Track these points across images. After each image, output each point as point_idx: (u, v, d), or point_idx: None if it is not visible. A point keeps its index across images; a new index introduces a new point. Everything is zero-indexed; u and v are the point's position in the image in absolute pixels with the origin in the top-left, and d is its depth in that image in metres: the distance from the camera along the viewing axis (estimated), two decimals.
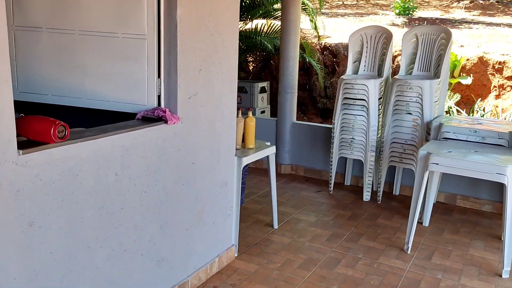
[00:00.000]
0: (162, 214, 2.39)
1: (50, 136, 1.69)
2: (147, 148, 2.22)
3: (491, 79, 6.33)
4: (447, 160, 3.04)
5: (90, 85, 2.51)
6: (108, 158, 2.01)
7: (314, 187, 4.65)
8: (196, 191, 2.62)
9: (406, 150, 4.04)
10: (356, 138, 4.25)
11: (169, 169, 2.38)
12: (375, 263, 3.11)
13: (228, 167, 2.91)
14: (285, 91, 4.94)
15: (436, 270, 3.03)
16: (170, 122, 2.31)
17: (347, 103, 4.22)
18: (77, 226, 1.91)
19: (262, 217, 3.82)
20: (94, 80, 2.49)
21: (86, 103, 2.54)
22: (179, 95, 2.37)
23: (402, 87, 3.94)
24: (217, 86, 2.66)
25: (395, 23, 8.41)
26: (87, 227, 1.96)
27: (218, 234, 2.90)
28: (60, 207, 1.82)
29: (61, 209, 1.83)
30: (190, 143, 2.51)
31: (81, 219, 1.93)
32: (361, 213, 3.98)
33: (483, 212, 4.09)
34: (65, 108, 2.58)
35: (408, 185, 4.45)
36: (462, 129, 3.56)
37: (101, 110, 2.51)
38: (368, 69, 4.41)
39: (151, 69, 2.36)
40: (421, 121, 3.91)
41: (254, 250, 3.25)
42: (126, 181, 2.13)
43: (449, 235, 3.59)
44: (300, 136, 4.99)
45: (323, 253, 3.22)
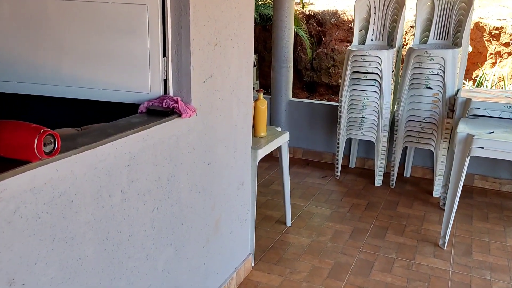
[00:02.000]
0: (177, 234, 1.85)
1: (33, 152, 1.12)
2: (158, 152, 1.66)
3: (488, 46, 6.00)
4: (494, 143, 2.63)
5: (69, 68, 1.89)
6: (111, 171, 1.45)
7: (317, 171, 4.19)
8: (213, 197, 2.09)
9: (424, 129, 3.62)
10: (367, 117, 3.79)
11: (184, 175, 1.84)
12: (412, 264, 2.71)
13: (245, 163, 2.38)
14: (280, 65, 4.40)
15: (482, 269, 2.66)
16: (185, 115, 1.75)
17: (356, 78, 3.74)
18: (74, 271, 1.35)
19: (270, 212, 3.34)
20: (75, 62, 1.88)
21: (65, 91, 1.93)
22: (193, 78, 1.80)
23: (421, 58, 3.48)
24: (233, 65, 2.10)
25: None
26: (88, 270, 1.41)
27: (235, 244, 2.40)
28: (51, 251, 1.26)
29: (52, 253, 1.27)
30: (206, 139, 1.96)
31: (80, 261, 1.37)
32: (377, 201, 3.57)
33: (504, 193, 3.78)
34: (35, 99, 1.97)
35: (420, 166, 4.08)
36: (494, 104, 3.16)
37: (86, 101, 1.91)
38: (376, 38, 3.93)
39: (154, 45, 1.78)
40: (442, 96, 3.49)
41: (271, 256, 2.77)
42: (135, 199, 1.57)
43: (479, 223, 3.23)
44: (298, 115, 4.50)
45: (352, 255, 2.79)
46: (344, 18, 6.45)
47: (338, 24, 6.47)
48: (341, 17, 6.46)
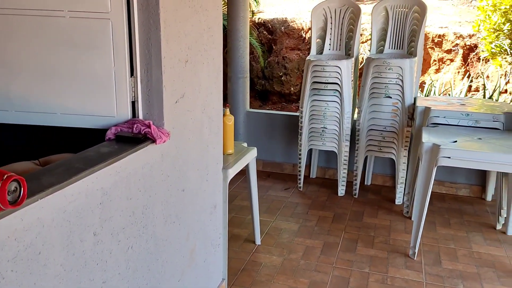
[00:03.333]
0: (152, 271, 1.68)
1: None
2: (131, 184, 1.49)
3: (431, 53, 6.21)
4: (460, 153, 2.65)
5: (20, 90, 1.67)
6: (82, 213, 1.26)
7: (279, 184, 4.10)
8: (187, 226, 1.93)
9: (385, 138, 3.64)
10: (329, 127, 3.75)
11: (158, 206, 1.67)
12: (387, 278, 2.67)
13: (217, 185, 2.24)
14: (237, 76, 4.28)
15: (453, 278, 2.67)
16: (159, 141, 1.58)
17: (317, 88, 3.69)
18: None
19: (237, 230, 3.20)
20: (27, 84, 1.66)
21: (16, 118, 1.70)
22: (165, 99, 1.64)
23: (380, 67, 3.50)
24: (204, 82, 1.96)
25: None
26: None
27: (209, 272, 2.25)
28: None
29: None
30: (179, 164, 1.80)
31: None
32: (343, 212, 3.53)
33: (461, 197, 3.87)
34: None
35: (380, 174, 4.11)
36: (453, 112, 3.22)
37: (42, 127, 1.69)
38: (334, 48, 3.91)
39: (121, 64, 1.60)
40: (401, 105, 3.52)
41: (244, 279, 2.64)
42: (108, 240, 1.39)
43: (443, 230, 3.27)
44: (256, 126, 4.40)
45: (326, 273, 2.71)
46: (294, 26, 6.46)
47: (289, 32, 6.47)
48: (291, 25, 6.47)
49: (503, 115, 3.13)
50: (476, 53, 5.73)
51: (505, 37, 4.60)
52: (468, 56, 5.86)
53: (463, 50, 5.94)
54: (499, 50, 4.61)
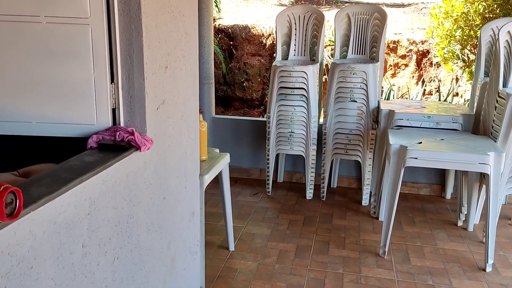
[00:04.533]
0: (137, 282, 1.64)
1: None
2: (117, 193, 1.45)
3: (387, 59, 6.44)
4: (426, 154, 2.76)
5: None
6: (71, 224, 1.22)
7: (247, 189, 4.11)
8: (168, 234, 1.90)
9: (351, 141, 3.73)
10: (296, 132, 3.81)
11: (142, 215, 1.64)
12: (360, 277, 2.73)
13: (194, 192, 2.22)
14: (201, 82, 4.25)
15: (423, 275, 2.77)
16: (143, 148, 1.55)
17: (283, 93, 3.74)
18: None
19: (209, 237, 3.17)
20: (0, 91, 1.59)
21: None
22: (148, 105, 1.62)
23: (345, 72, 3.59)
24: (182, 88, 1.94)
25: (282, 2, 8.15)
26: None
27: (188, 280, 2.22)
28: None
29: None
30: (161, 171, 1.77)
31: None
32: (313, 215, 3.59)
33: (423, 196, 4.02)
34: None
35: (346, 176, 4.20)
36: (416, 115, 3.35)
37: (17, 137, 1.62)
38: (298, 53, 3.98)
39: (100, 70, 1.57)
40: (366, 109, 3.63)
41: (221, 286, 2.62)
42: (96, 252, 1.35)
43: (409, 228, 3.39)
44: (222, 132, 4.39)
45: (301, 275, 2.74)
46: (254, 33, 6.51)
47: (249, 39, 6.51)
48: (252, 32, 6.52)
49: (461, 116, 3.29)
50: (428, 58, 5.99)
51: (457, 42, 4.84)
52: (422, 61, 6.12)
53: (417, 55, 6.19)
54: (451, 55, 4.84)
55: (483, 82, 3.30)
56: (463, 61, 4.76)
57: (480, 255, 2.98)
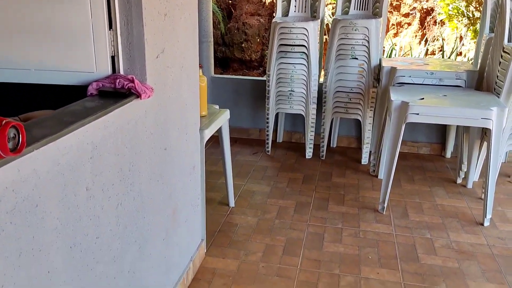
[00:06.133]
0: (140, 229, 1.65)
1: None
2: (119, 139, 1.44)
3: (389, 17, 6.32)
4: (428, 109, 2.75)
5: None
6: (75, 166, 1.21)
7: (247, 148, 4.12)
8: (170, 185, 1.91)
9: (351, 99, 3.71)
10: (296, 90, 3.78)
11: (143, 164, 1.64)
12: (359, 231, 2.77)
13: (195, 146, 2.22)
14: (200, 40, 4.18)
15: (421, 229, 2.81)
16: (144, 96, 1.54)
17: (284, 51, 3.69)
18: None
19: (210, 194, 3.20)
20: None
21: None
22: (147, 53, 1.59)
23: (347, 28, 3.53)
24: (181, 38, 1.90)
25: None
26: (58, 284, 1.18)
27: (190, 232, 2.25)
28: (18, 268, 1.02)
29: (20, 271, 1.03)
30: (161, 121, 1.76)
31: (49, 276, 1.14)
32: (312, 174, 3.60)
33: (422, 155, 4.04)
34: None
35: (345, 135, 4.20)
36: (418, 72, 3.31)
37: (15, 84, 1.60)
38: (299, 10, 3.90)
39: (98, 16, 1.53)
40: (367, 66, 3.58)
41: (222, 239, 2.66)
42: (100, 196, 1.35)
43: (408, 186, 3.42)
44: (221, 92, 4.35)
45: (301, 230, 2.78)
46: None
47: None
48: None
49: (465, 72, 3.26)
50: (432, 17, 5.88)
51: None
52: (425, 19, 6.01)
53: (420, 13, 6.08)
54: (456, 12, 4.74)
55: (488, 38, 3.25)
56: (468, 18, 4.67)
57: (478, 210, 3.02)
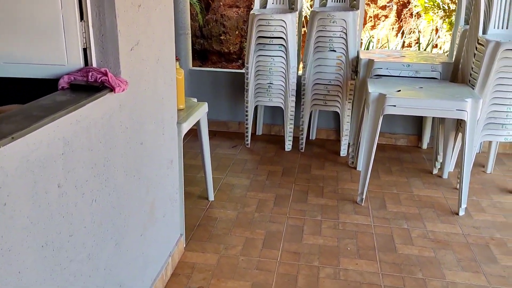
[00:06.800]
0: (116, 226, 1.62)
1: None
2: (92, 134, 1.41)
3: (367, 10, 6.35)
4: (405, 101, 2.77)
5: None
6: (45, 163, 1.18)
7: (226, 141, 4.10)
8: (147, 180, 1.88)
9: (330, 92, 3.71)
10: (275, 83, 3.76)
11: (118, 159, 1.60)
12: (338, 223, 2.79)
13: (172, 140, 2.18)
14: (178, 32, 4.13)
15: (398, 220, 2.84)
16: (118, 89, 1.50)
17: (262, 43, 3.67)
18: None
19: (189, 188, 3.17)
20: None
21: None
22: (121, 45, 1.55)
23: (325, 21, 3.52)
24: (157, 30, 1.87)
25: None
26: (29, 285, 1.15)
27: (168, 227, 2.22)
28: None
29: None
30: (137, 116, 1.73)
31: (19, 276, 1.11)
32: (292, 166, 3.61)
33: (400, 146, 4.08)
34: None
35: (324, 128, 4.22)
36: (395, 64, 3.34)
37: None
38: (277, 1, 3.88)
39: (69, 6, 1.48)
40: (345, 58, 3.59)
41: (201, 234, 2.64)
42: (72, 192, 1.32)
43: (386, 177, 3.45)
44: (199, 85, 4.31)
45: (280, 223, 2.78)
46: None
47: None
48: None
49: (440, 65, 3.29)
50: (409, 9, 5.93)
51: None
52: (402, 12, 6.05)
53: (397, 6, 6.12)
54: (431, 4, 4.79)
55: (463, 30, 3.29)
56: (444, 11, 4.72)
57: (453, 200, 3.07)
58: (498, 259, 2.44)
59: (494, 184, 3.31)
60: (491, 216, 2.88)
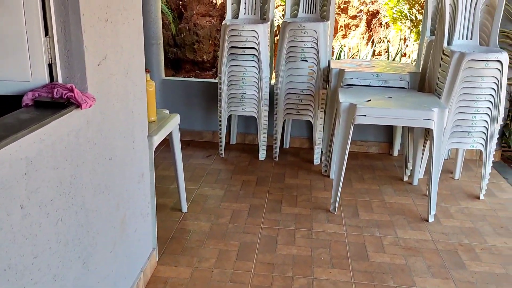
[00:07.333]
0: (84, 244, 1.59)
1: None
2: (57, 152, 1.38)
3: (338, 19, 6.45)
4: (375, 111, 2.82)
5: None
6: (7, 184, 1.15)
7: (200, 151, 4.08)
8: (117, 195, 1.85)
9: (302, 101, 3.75)
10: (248, 93, 3.77)
11: (86, 176, 1.57)
12: (312, 232, 2.81)
13: (143, 153, 2.16)
14: (149, 42, 4.11)
15: (371, 227, 2.88)
16: (85, 106, 1.48)
17: (234, 53, 3.67)
18: None
19: (162, 200, 3.14)
20: None
21: None
22: (88, 60, 1.53)
23: (296, 31, 3.56)
24: (125, 43, 1.85)
25: None
26: None
27: (140, 242, 2.19)
28: None
29: None
30: (105, 131, 1.70)
31: None
32: (266, 176, 3.62)
33: (372, 154, 4.14)
34: None
35: (297, 136, 4.25)
36: (365, 74, 3.39)
37: None
38: (249, 12, 3.90)
39: (33, 22, 1.46)
40: (317, 68, 3.63)
41: (174, 247, 2.61)
42: (36, 213, 1.29)
43: (358, 185, 3.49)
44: (172, 95, 4.29)
45: (255, 233, 2.78)
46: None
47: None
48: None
49: (408, 74, 3.36)
50: (378, 19, 6.05)
51: (405, 2, 4.90)
52: (371, 21, 6.17)
53: (367, 16, 6.24)
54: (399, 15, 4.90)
55: (429, 41, 3.37)
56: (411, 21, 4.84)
57: (423, 207, 3.13)
58: (467, 265, 2.49)
59: (461, 190, 3.40)
60: (459, 222, 2.95)
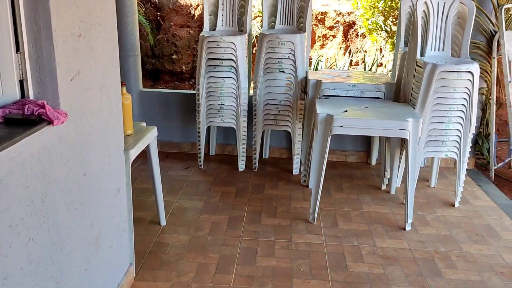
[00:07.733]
0: (56, 263, 1.56)
1: None
2: (28, 170, 1.36)
3: (315, 30, 6.52)
4: (352, 121, 2.85)
5: None
6: None
7: (179, 163, 4.06)
8: (91, 211, 1.82)
9: (281, 112, 3.77)
10: (226, 104, 3.78)
11: (59, 193, 1.55)
12: (291, 243, 2.81)
13: (119, 167, 2.14)
14: (127, 54, 4.09)
15: (349, 237, 2.90)
16: (56, 122, 1.46)
17: (212, 65, 3.68)
18: None
19: (139, 213, 3.10)
20: None
21: None
22: (59, 76, 1.51)
23: (273, 43, 3.59)
24: (99, 58, 1.83)
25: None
26: None
27: (116, 258, 2.16)
28: None
29: None
30: (79, 147, 1.68)
31: None
32: (245, 186, 3.61)
33: (350, 163, 4.18)
34: None
35: (277, 147, 4.26)
36: (341, 84, 3.43)
37: None
38: (226, 24, 3.91)
39: (4, 38, 1.43)
40: (294, 79, 3.66)
41: (152, 261, 2.58)
42: (7, 233, 1.26)
43: (337, 194, 3.52)
44: (150, 106, 4.26)
45: (234, 246, 2.76)
46: (182, 3, 6.32)
47: (177, 9, 6.32)
48: (179, 2, 6.32)
49: (384, 85, 3.42)
50: (354, 30, 6.14)
51: (380, 14, 4.99)
52: (348, 32, 6.26)
53: (344, 26, 6.33)
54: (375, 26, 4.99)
55: (403, 52, 3.43)
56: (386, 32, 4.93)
57: (401, 215, 3.16)
58: (443, 272, 2.53)
59: (437, 198, 3.45)
60: (436, 229, 2.99)
